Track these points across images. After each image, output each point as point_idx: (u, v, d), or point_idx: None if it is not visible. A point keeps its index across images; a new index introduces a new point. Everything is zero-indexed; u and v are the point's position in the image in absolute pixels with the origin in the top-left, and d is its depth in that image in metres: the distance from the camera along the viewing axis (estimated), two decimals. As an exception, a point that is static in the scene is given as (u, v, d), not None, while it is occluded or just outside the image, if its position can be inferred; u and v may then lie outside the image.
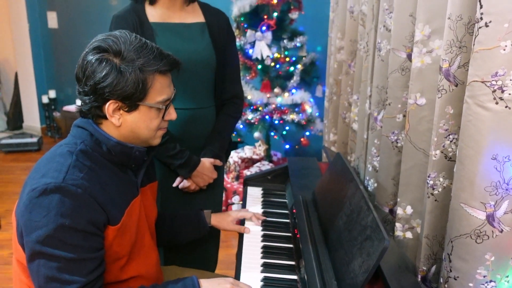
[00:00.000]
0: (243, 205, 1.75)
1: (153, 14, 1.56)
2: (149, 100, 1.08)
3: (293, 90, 3.02)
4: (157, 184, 1.38)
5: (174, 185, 1.65)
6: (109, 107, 1.06)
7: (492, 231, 0.89)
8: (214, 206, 1.80)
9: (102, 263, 1.05)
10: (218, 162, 1.70)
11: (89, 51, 1.05)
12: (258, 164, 3.24)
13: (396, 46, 1.32)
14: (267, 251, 1.40)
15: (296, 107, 3.00)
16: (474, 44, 0.85)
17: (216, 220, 1.53)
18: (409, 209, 1.27)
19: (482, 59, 0.84)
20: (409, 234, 1.28)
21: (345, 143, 2.15)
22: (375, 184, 1.56)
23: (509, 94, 0.82)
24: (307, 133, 3.27)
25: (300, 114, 3.01)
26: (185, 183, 1.65)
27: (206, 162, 1.65)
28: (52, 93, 4.93)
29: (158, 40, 1.53)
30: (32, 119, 5.12)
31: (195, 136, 1.66)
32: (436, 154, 1.05)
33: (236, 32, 2.99)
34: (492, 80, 0.83)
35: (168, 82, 1.12)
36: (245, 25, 2.96)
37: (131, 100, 1.06)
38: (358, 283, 0.96)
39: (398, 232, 1.30)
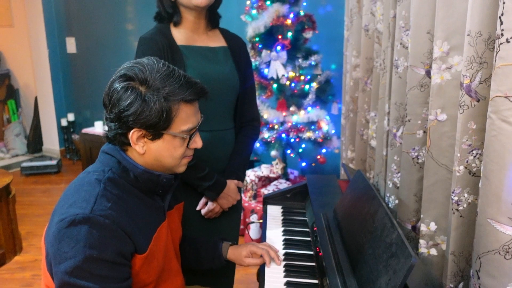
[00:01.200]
0: (264, 224, 1.75)
1: (179, 37, 1.57)
2: (174, 129, 1.08)
3: (309, 108, 3.04)
4: (183, 205, 1.39)
5: (198, 208, 1.65)
6: (133, 135, 1.06)
7: (521, 247, 0.88)
8: (233, 227, 1.81)
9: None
10: (241, 184, 1.71)
11: (116, 78, 1.07)
12: (275, 182, 3.25)
13: (414, 63, 1.33)
14: (289, 270, 1.39)
15: (312, 124, 3.01)
16: (495, 60, 0.85)
17: (233, 254, 1.44)
18: (433, 226, 1.26)
19: (504, 74, 0.84)
20: (433, 251, 1.27)
21: (363, 160, 2.15)
22: (396, 201, 1.55)
23: (533, 108, 0.82)
24: (324, 151, 3.27)
25: (317, 132, 3.01)
26: (210, 206, 1.65)
27: (232, 184, 1.67)
28: (71, 116, 5.03)
29: (189, 63, 1.54)
30: (51, 142, 5.22)
31: (215, 158, 1.67)
32: (460, 170, 1.05)
33: (251, 53, 3.03)
34: (515, 95, 0.83)
35: (194, 111, 1.12)
36: (260, 46, 3.00)
37: (155, 128, 1.06)
38: (386, 301, 0.95)
39: (423, 249, 1.29)
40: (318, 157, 3.28)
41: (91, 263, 0.98)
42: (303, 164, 3.48)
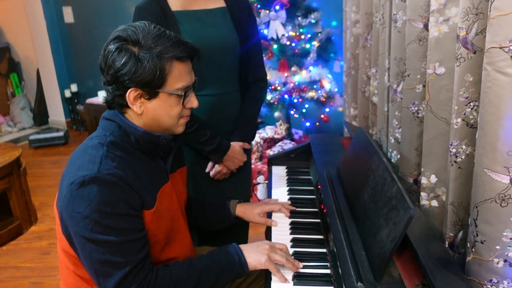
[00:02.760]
0: (269, 184, 1.79)
1: (174, 2, 1.57)
2: (168, 87, 1.10)
3: (311, 67, 3.02)
4: (187, 169, 1.42)
5: (207, 170, 1.69)
6: (130, 94, 1.09)
7: (517, 194, 0.90)
8: (243, 189, 1.85)
9: (147, 242, 1.11)
10: (247, 145, 1.73)
11: (110, 41, 1.09)
12: (280, 143, 3.27)
13: (412, 17, 1.32)
14: (295, 227, 1.44)
15: (314, 84, 3.01)
16: (490, 11, 0.85)
17: (241, 211, 1.49)
18: (433, 178, 1.28)
19: (499, 25, 0.84)
20: (434, 203, 1.30)
21: (366, 117, 2.16)
22: (398, 156, 1.58)
23: (528, 57, 0.82)
24: (327, 110, 3.28)
25: (319, 91, 3.01)
26: (217, 168, 1.68)
27: (236, 146, 1.69)
28: (74, 87, 5.03)
29: (182, 28, 1.54)
30: (56, 113, 5.25)
31: (222, 121, 1.69)
32: (457, 122, 1.06)
33: (250, 14, 2.99)
34: (510, 45, 0.83)
35: (187, 69, 1.14)
36: (258, 6, 2.96)
37: (151, 87, 1.09)
38: (386, 251, 0.99)
39: (424, 201, 1.32)
40: (322, 116, 3.29)
41: (107, 218, 1.03)
42: (307, 124, 3.49)
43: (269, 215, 1.52)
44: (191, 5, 1.59)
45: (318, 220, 1.47)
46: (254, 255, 1.19)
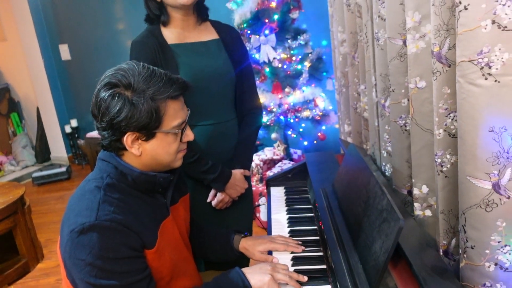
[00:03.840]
0: (268, 206, 1.82)
1: (170, 36, 1.61)
2: (165, 126, 1.12)
3: (304, 88, 3.08)
4: (189, 196, 1.44)
5: (208, 200, 1.71)
6: (127, 139, 1.10)
7: (500, 199, 0.93)
8: (246, 215, 1.86)
9: (152, 279, 1.13)
10: (247, 173, 1.76)
11: (101, 87, 1.09)
12: (279, 164, 3.31)
13: (392, 35, 1.37)
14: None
15: (308, 103, 3.06)
16: (457, 27, 0.90)
17: (244, 247, 1.46)
18: (424, 188, 1.32)
19: (467, 40, 0.89)
20: (428, 212, 1.33)
21: (359, 132, 2.20)
22: (391, 169, 1.61)
23: (496, 69, 0.87)
24: (324, 128, 3.32)
25: (314, 110, 3.06)
26: (219, 197, 1.70)
27: (237, 173, 1.71)
28: (74, 122, 5.11)
29: (180, 60, 1.57)
30: (58, 149, 5.32)
31: (221, 150, 1.72)
32: (440, 133, 1.10)
33: (241, 39, 3.07)
34: (479, 58, 0.88)
35: (181, 106, 1.16)
36: (249, 31, 3.04)
37: (147, 129, 1.10)
38: (380, 263, 1.02)
39: (418, 212, 1.35)
40: (319, 134, 3.33)
41: (110, 263, 1.04)
42: (305, 143, 3.54)
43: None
44: (186, 38, 1.64)
45: (317, 237, 1.50)
46: (257, 276, 1.21)
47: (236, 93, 1.72)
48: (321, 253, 1.40)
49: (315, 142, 3.50)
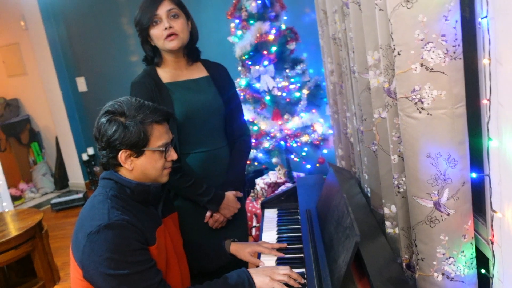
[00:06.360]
0: (261, 227, 1.96)
1: (164, 75, 1.80)
2: (151, 145, 1.35)
3: (302, 114, 3.24)
4: (180, 220, 1.64)
5: (205, 221, 1.87)
6: (121, 155, 1.34)
7: (441, 215, 1.07)
8: (241, 233, 2.01)
9: (159, 269, 1.32)
10: (239, 194, 1.92)
11: (101, 115, 1.35)
12: (282, 187, 3.45)
13: (360, 70, 1.53)
14: (281, 262, 1.60)
15: (307, 128, 3.21)
16: (394, 69, 1.06)
17: (235, 249, 1.68)
18: (393, 208, 1.45)
19: (402, 79, 1.04)
20: (397, 230, 1.46)
21: (349, 156, 2.34)
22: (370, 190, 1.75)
23: (428, 104, 1.02)
24: (325, 151, 3.46)
25: (312, 135, 3.21)
26: (214, 217, 1.86)
27: (230, 195, 1.87)
28: (90, 150, 5.35)
29: (174, 97, 1.76)
30: (76, 176, 5.55)
31: (214, 174, 1.88)
32: (395, 158, 1.24)
33: (242, 70, 3.26)
34: (413, 95, 1.03)
35: (165, 130, 1.40)
36: (249, 63, 3.23)
37: (137, 147, 1.33)
38: (342, 274, 1.15)
39: (389, 229, 1.48)
40: (319, 158, 3.47)
41: (125, 255, 1.24)
42: (308, 166, 3.67)
43: (259, 255, 1.69)
44: (179, 76, 1.83)
45: (302, 255, 1.63)
46: (259, 277, 1.40)
47: (225, 122, 1.89)
48: (303, 269, 1.53)
49: (317, 165, 3.64)
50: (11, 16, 5.31)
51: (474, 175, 1.07)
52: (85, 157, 5.35)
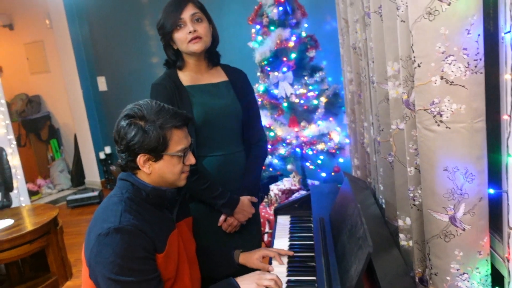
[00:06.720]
0: (273, 233, 1.96)
1: (185, 78, 1.83)
2: (170, 150, 1.35)
3: (319, 122, 3.23)
4: (195, 222, 1.64)
5: (219, 225, 1.88)
6: (140, 159, 1.34)
7: (456, 230, 1.06)
8: (254, 239, 2.01)
9: (161, 280, 1.32)
10: (254, 199, 1.93)
11: (121, 118, 1.35)
12: (296, 194, 3.44)
13: (379, 80, 1.52)
14: (292, 270, 1.59)
15: (323, 136, 3.20)
16: (414, 81, 1.05)
17: (243, 258, 1.67)
18: (408, 220, 1.43)
19: (421, 92, 1.04)
20: (411, 243, 1.44)
21: (365, 166, 2.32)
22: (384, 202, 1.73)
23: (447, 117, 1.01)
24: (341, 160, 3.44)
25: (329, 143, 3.20)
26: (228, 221, 1.87)
27: (245, 199, 1.88)
28: (108, 149, 5.41)
29: (194, 100, 1.78)
30: (92, 174, 5.62)
31: (230, 178, 1.88)
32: (411, 171, 1.23)
33: (261, 76, 3.27)
34: (431, 108, 1.02)
35: (184, 134, 1.39)
36: (268, 69, 3.24)
37: (156, 152, 1.33)
38: (353, 285, 1.14)
39: (403, 242, 1.47)
40: (335, 167, 3.46)
41: (129, 261, 1.24)
42: (323, 174, 3.66)
43: (270, 260, 1.69)
44: (199, 80, 1.85)
45: (313, 264, 1.62)
46: (246, 282, 1.41)
47: (243, 128, 1.90)
48: (314, 277, 1.52)
49: (332, 174, 3.62)
50: (37, 15, 5.43)
51: (491, 191, 1.06)
52: (102, 155, 5.42)
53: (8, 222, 3.01)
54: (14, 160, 4.07)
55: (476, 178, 1.02)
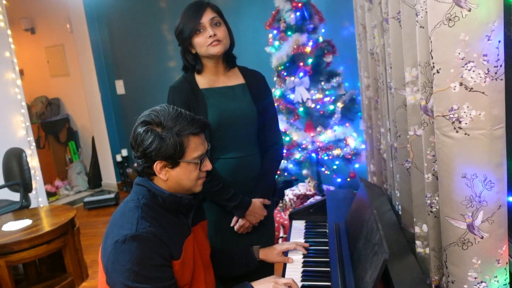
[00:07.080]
0: (288, 237, 1.96)
1: (202, 81, 1.85)
2: (187, 157, 1.34)
3: (335, 127, 3.22)
4: (207, 223, 1.64)
5: (231, 225, 1.89)
6: (157, 166, 1.33)
7: (474, 238, 1.04)
8: (267, 240, 2.02)
9: (178, 286, 1.32)
10: (266, 201, 1.93)
11: (138, 124, 1.35)
12: (311, 199, 3.43)
13: (397, 86, 1.52)
14: (306, 275, 1.59)
15: (339, 142, 3.19)
16: (432, 87, 1.05)
17: (263, 254, 1.71)
18: (425, 227, 1.42)
19: (440, 98, 1.03)
20: (428, 250, 1.43)
21: (381, 172, 2.31)
22: (401, 208, 1.72)
23: (466, 123, 1.00)
24: (357, 166, 3.43)
25: (345, 149, 3.19)
26: (240, 222, 1.88)
27: (257, 202, 1.89)
28: (124, 152, 5.47)
29: (209, 103, 1.80)
30: (109, 177, 5.69)
31: (244, 180, 1.90)
32: (428, 177, 1.22)
33: (277, 81, 3.28)
34: (450, 114, 1.02)
35: (201, 141, 1.38)
36: (285, 73, 3.24)
37: (173, 159, 1.32)
38: (368, 292, 1.14)
39: (419, 249, 1.45)
40: (350, 172, 3.44)
41: (145, 269, 1.24)
42: (338, 180, 3.65)
43: (286, 253, 1.74)
44: (216, 83, 1.87)
45: (328, 269, 1.62)
46: (262, 286, 1.41)
47: (259, 130, 1.91)
48: (329, 283, 1.52)
49: (348, 179, 3.60)
50: (58, 19, 5.53)
51: (511, 198, 1.04)
52: (119, 158, 5.48)
53: (27, 222, 3.07)
54: (33, 162, 4.14)
55: (495, 185, 1.01)
